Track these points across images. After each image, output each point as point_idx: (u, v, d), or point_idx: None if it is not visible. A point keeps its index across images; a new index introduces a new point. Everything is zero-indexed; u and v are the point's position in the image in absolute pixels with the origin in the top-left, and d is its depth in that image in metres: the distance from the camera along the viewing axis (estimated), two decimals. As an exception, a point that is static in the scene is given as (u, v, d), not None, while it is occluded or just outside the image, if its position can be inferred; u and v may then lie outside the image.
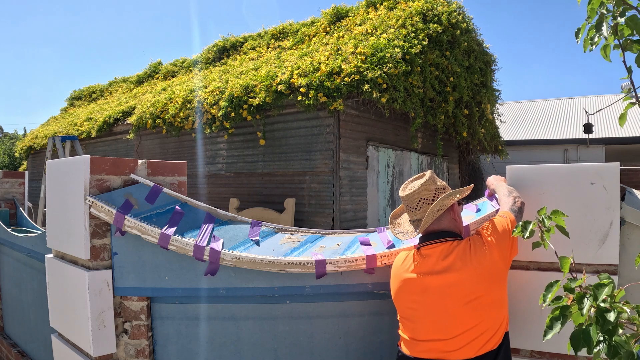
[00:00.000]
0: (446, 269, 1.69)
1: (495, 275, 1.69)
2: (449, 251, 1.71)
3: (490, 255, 1.68)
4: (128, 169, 2.26)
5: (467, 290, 1.65)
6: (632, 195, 2.15)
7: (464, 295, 1.65)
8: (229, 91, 6.84)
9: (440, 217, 1.78)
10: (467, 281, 1.66)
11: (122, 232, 2.12)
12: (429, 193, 1.80)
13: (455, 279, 1.67)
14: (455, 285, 1.66)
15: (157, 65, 12.73)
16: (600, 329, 0.96)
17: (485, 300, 1.66)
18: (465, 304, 1.65)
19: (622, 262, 1.97)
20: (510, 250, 1.75)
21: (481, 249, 1.70)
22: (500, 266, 1.70)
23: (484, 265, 1.67)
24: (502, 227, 1.75)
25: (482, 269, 1.66)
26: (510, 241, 1.74)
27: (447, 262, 1.69)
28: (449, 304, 1.67)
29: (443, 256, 1.71)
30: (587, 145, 12.97)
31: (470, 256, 1.68)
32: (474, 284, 1.65)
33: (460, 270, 1.67)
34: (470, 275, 1.66)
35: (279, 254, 2.08)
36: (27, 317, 3.51)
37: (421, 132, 7.94)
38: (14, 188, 4.50)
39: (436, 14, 7.38)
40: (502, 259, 1.71)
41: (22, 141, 13.55)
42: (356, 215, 6.44)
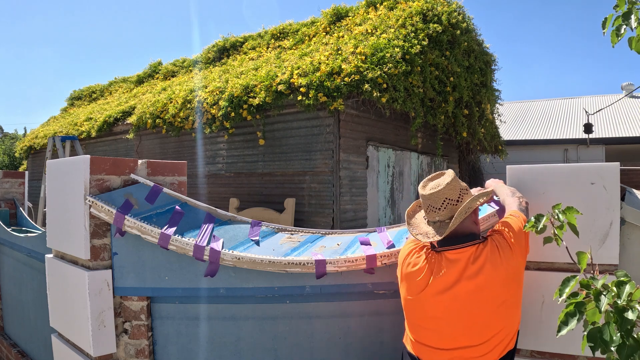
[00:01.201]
0: (477, 272, 1.63)
1: (519, 275, 1.68)
2: (478, 254, 1.66)
3: (515, 256, 1.65)
4: (128, 169, 2.26)
5: (497, 292, 1.62)
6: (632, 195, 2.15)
7: (494, 298, 1.62)
8: (229, 91, 6.84)
9: (465, 219, 1.72)
10: (497, 284, 1.62)
11: (122, 232, 2.12)
12: (454, 193, 1.72)
13: (487, 282, 1.62)
14: (486, 288, 1.62)
15: (157, 65, 12.73)
16: (619, 328, 0.94)
17: (511, 301, 1.64)
18: (497, 307, 1.62)
19: (622, 262, 1.97)
20: (526, 248, 1.73)
21: (507, 250, 1.66)
22: (522, 266, 1.69)
23: (512, 266, 1.64)
24: (517, 227, 1.71)
25: (511, 270, 1.64)
26: (525, 240, 1.72)
27: (477, 265, 1.64)
28: (481, 309, 1.62)
29: (473, 259, 1.65)
30: (587, 145, 12.97)
31: (500, 259, 1.64)
32: (503, 287, 1.62)
33: (490, 273, 1.62)
34: (501, 278, 1.62)
35: (279, 254, 2.08)
36: (27, 317, 3.51)
37: (421, 132, 7.94)
38: (14, 188, 4.50)
39: (436, 14, 7.37)
40: (523, 258, 1.69)
41: (22, 141, 13.56)
42: (356, 215, 6.44)
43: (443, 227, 1.70)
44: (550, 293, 1.94)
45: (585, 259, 1.10)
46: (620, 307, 0.95)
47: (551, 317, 1.96)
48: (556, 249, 1.87)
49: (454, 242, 1.70)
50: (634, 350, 0.92)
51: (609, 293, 0.98)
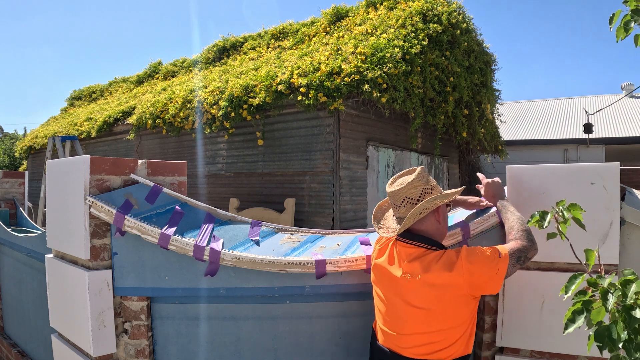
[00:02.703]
0: (407, 271, 1.66)
1: (453, 298, 1.62)
2: (417, 257, 1.68)
3: (453, 280, 1.59)
4: (128, 169, 2.26)
5: (420, 297, 1.63)
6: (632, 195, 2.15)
7: (415, 300, 1.64)
8: (229, 91, 6.84)
9: (424, 218, 1.74)
10: (421, 290, 1.63)
11: (122, 232, 2.12)
12: (415, 193, 1.74)
13: (411, 284, 1.64)
14: (411, 290, 1.65)
15: (157, 65, 12.73)
16: (627, 326, 0.94)
17: (438, 314, 1.62)
18: (417, 309, 1.64)
19: (622, 262, 1.97)
20: (486, 286, 1.63)
21: (446, 270, 1.60)
22: (461, 293, 1.61)
23: (440, 284, 1.60)
24: (491, 263, 1.60)
25: (437, 287, 1.60)
26: (489, 279, 1.61)
27: (410, 266, 1.66)
28: (403, 303, 1.67)
29: (410, 259, 1.68)
30: (587, 145, 12.97)
31: (432, 271, 1.62)
32: (426, 295, 1.62)
33: (415, 278, 1.63)
34: (425, 288, 1.62)
35: (279, 254, 2.08)
36: (27, 317, 3.51)
37: (421, 132, 7.94)
38: (14, 188, 4.50)
39: (436, 14, 7.37)
40: (468, 288, 1.60)
41: (22, 141, 13.56)
42: (356, 215, 6.44)
43: (400, 224, 1.75)
44: (550, 293, 1.94)
45: (593, 256, 1.10)
46: (628, 306, 0.95)
47: (551, 317, 1.96)
48: (556, 249, 1.87)
49: (409, 237, 1.74)
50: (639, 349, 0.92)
51: (616, 291, 0.98)
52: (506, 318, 2.06)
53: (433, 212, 1.75)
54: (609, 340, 0.95)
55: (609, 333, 0.96)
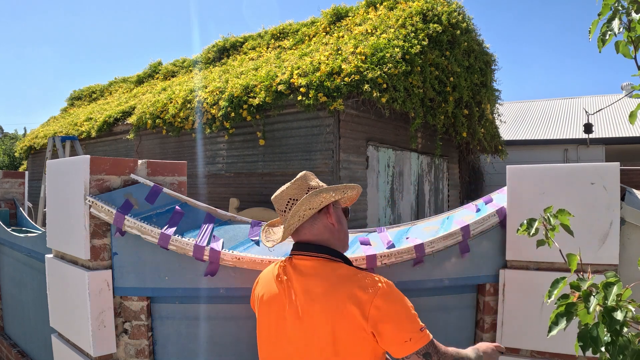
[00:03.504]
0: (303, 288, 1.38)
1: (353, 332, 1.31)
2: (316, 269, 1.40)
3: (356, 316, 1.29)
4: (128, 169, 2.26)
5: (318, 323, 1.34)
6: (632, 195, 2.15)
7: (312, 326, 1.34)
8: (229, 91, 6.84)
9: (313, 222, 1.46)
10: (319, 313, 1.33)
11: (122, 232, 2.12)
12: (300, 192, 1.48)
13: (308, 304, 1.35)
14: (307, 312, 1.35)
15: (157, 65, 12.74)
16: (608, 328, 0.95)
17: (339, 348, 1.33)
18: (316, 338, 1.34)
19: (622, 262, 1.97)
20: (388, 347, 1.33)
21: (351, 301, 1.30)
22: (364, 333, 1.31)
23: (342, 310, 1.30)
24: (409, 329, 1.30)
25: (339, 312, 1.31)
26: (393, 343, 1.30)
27: (307, 281, 1.38)
28: (298, 331, 1.37)
29: (308, 272, 1.40)
30: (587, 145, 12.97)
31: (337, 290, 1.33)
32: (324, 320, 1.32)
33: (312, 296, 1.34)
34: (324, 310, 1.32)
35: (279, 254, 2.08)
36: (27, 317, 3.51)
37: (421, 132, 7.94)
38: (14, 188, 4.50)
39: (436, 14, 7.38)
40: (366, 342, 1.32)
41: (22, 141, 13.56)
42: (356, 215, 6.44)
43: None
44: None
45: (575, 260, 1.11)
46: (610, 307, 0.96)
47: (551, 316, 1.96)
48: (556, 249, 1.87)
49: (303, 248, 1.46)
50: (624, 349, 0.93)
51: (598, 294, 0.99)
52: (506, 318, 2.06)
53: (323, 214, 1.48)
54: (592, 342, 0.96)
55: (591, 334, 0.96)
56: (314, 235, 1.47)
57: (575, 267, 1.10)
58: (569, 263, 1.11)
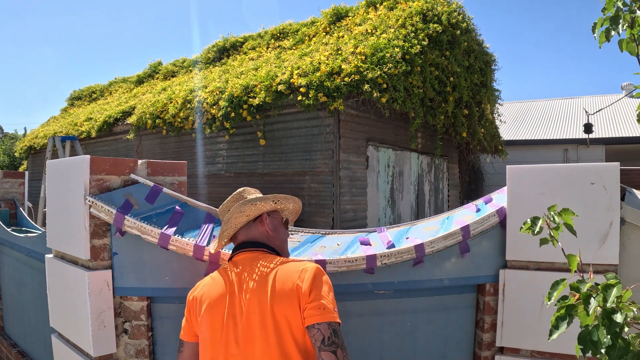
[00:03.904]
0: (245, 281, 1.47)
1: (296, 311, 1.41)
2: (257, 258, 1.52)
3: (294, 305, 1.40)
4: (128, 169, 2.26)
5: (260, 309, 1.42)
6: (632, 195, 2.15)
7: (261, 313, 1.42)
8: (229, 91, 6.84)
9: (249, 228, 1.61)
10: (262, 301, 1.42)
11: (122, 232, 2.12)
12: (237, 202, 1.69)
13: (255, 292, 1.44)
14: (255, 301, 1.43)
15: (157, 65, 12.74)
16: (607, 330, 0.95)
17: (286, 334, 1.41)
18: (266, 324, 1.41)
19: (622, 262, 1.97)
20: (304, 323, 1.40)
21: (287, 282, 1.42)
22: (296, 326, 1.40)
23: (288, 290, 1.41)
24: (326, 295, 1.42)
25: (284, 295, 1.41)
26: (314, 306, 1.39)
27: (249, 271, 1.49)
28: (247, 320, 1.44)
29: (251, 262, 1.52)
30: (587, 145, 12.97)
31: (268, 280, 1.44)
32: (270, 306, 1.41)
33: (256, 288, 1.44)
34: (266, 296, 1.42)
35: (279, 254, 2.08)
36: (27, 317, 3.51)
37: (421, 132, 7.94)
38: (14, 188, 4.50)
39: (436, 14, 7.38)
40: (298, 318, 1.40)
41: (22, 141, 13.57)
42: (356, 215, 6.44)
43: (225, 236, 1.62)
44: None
45: (575, 261, 1.11)
46: (609, 310, 0.96)
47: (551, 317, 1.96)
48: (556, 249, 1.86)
49: (240, 247, 1.60)
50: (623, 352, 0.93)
51: (598, 296, 0.99)
52: (506, 318, 2.06)
53: (258, 222, 1.62)
54: (591, 344, 0.96)
55: (590, 337, 0.96)
56: (251, 235, 1.61)
57: (575, 268, 1.10)
58: (569, 264, 1.11)
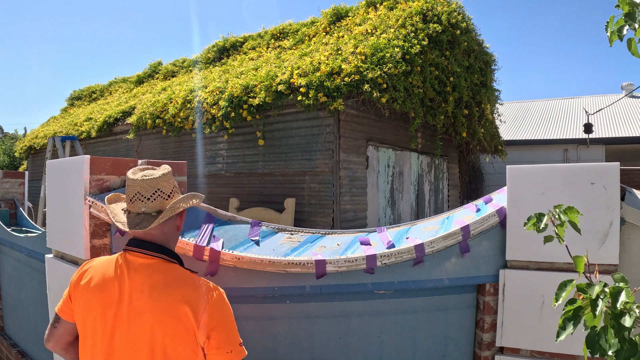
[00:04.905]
0: (138, 287, 1.40)
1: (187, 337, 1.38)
2: (154, 268, 1.43)
3: (189, 320, 1.36)
4: (128, 169, 2.26)
5: (149, 324, 1.37)
6: (632, 195, 2.15)
7: (143, 326, 1.37)
8: (229, 91, 6.84)
9: (167, 221, 1.50)
10: (151, 314, 1.37)
11: (122, 232, 2.12)
12: (168, 187, 1.51)
13: (141, 304, 1.38)
14: (138, 312, 1.38)
15: (157, 65, 12.73)
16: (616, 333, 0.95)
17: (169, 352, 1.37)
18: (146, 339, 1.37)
19: (622, 262, 1.97)
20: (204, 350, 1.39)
21: (185, 303, 1.37)
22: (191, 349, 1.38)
23: (175, 313, 1.36)
24: (231, 339, 1.40)
25: (172, 316, 1.36)
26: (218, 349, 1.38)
27: (144, 280, 1.41)
28: (126, 332, 1.39)
29: (145, 271, 1.42)
30: (587, 145, 12.97)
31: (171, 292, 1.38)
32: (157, 322, 1.37)
33: (146, 296, 1.38)
34: (157, 311, 1.37)
35: (279, 254, 2.08)
36: (27, 317, 3.51)
37: (421, 132, 7.94)
38: (14, 188, 4.50)
39: (436, 14, 7.38)
40: (196, 345, 1.38)
41: (22, 141, 13.55)
42: (356, 215, 6.44)
43: (147, 221, 1.45)
44: (550, 293, 1.94)
45: (583, 262, 1.10)
46: (617, 312, 0.96)
47: (551, 317, 1.96)
48: (556, 249, 1.87)
49: (142, 245, 1.47)
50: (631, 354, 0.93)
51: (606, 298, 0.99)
52: (506, 318, 2.06)
53: (178, 215, 1.54)
54: (600, 347, 0.96)
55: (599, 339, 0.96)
56: (163, 233, 1.50)
57: (582, 270, 1.10)
58: (575, 265, 1.11)
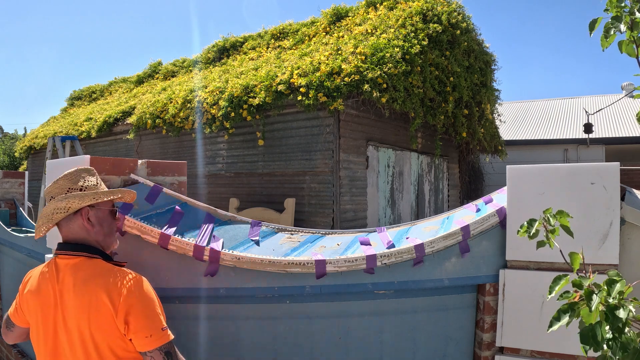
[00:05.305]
0: (63, 288, 1.46)
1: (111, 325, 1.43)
2: (75, 266, 1.48)
3: (108, 309, 1.42)
4: (128, 169, 2.26)
5: (77, 324, 1.43)
6: (632, 195, 2.15)
7: (74, 321, 1.44)
8: (229, 91, 6.84)
9: (69, 222, 1.52)
10: (81, 316, 1.43)
11: (122, 232, 2.12)
12: (60, 192, 1.53)
13: (68, 301, 1.44)
14: (69, 308, 1.44)
15: (157, 65, 12.73)
16: (610, 326, 0.95)
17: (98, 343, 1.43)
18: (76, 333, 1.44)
19: (622, 262, 1.97)
20: (132, 343, 1.46)
21: (105, 292, 1.42)
22: (114, 342, 1.44)
23: (96, 303, 1.42)
24: (151, 325, 1.47)
25: (93, 306, 1.41)
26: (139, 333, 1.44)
27: (67, 279, 1.46)
28: (62, 330, 1.46)
29: (68, 270, 1.48)
30: (587, 145, 12.97)
31: (82, 290, 1.43)
32: (83, 314, 1.42)
33: (71, 292, 1.44)
34: (84, 305, 1.42)
35: (279, 254, 2.08)
36: (27, 317, 3.50)
37: (421, 132, 7.94)
38: (14, 188, 4.50)
39: (436, 14, 7.38)
40: (121, 339, 1.45)
41: (22, 141, 13.55)
42: (356, 215, 6.44)
43: (43, 226, 1.53)
44: (550, 293, 1.94)
45: (578, 259, 1.11)
46: (612, 306, 0.96)
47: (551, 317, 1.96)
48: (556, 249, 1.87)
49: (62, 247, 1.52)
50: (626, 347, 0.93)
51: (601, 292, 0.99)
52: (506, 318, 2.06)
53: (79, 215, 1.54)
54: (593, 341, 0.96)
55: (593, 333, 0.97)
56: (72, 234, 1.54)
57: (577, 266, 1.10)
58: (571, 262, 1.11)
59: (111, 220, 1.63)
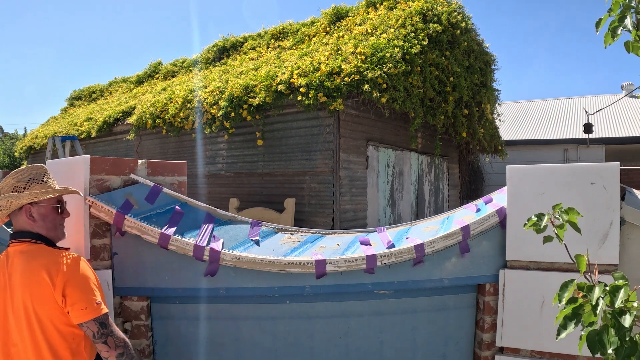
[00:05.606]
0: (12, 272, 1.61)
1: (50, 313, 1.58)
2: (21, 251, 1.64)
3: (48, 286, 1.57)
4: (128, 169, 2.26)
5: (22, 300, 1.58)
6: (632, 195, 2.15)
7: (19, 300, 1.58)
8: (229, 91, 6.84)
9: (16, 216, 1.70)
10: (24, 292, 1.58)
11: (122, 232, 2.12)
12: (7, 190, 1.70)
13: (18, 285, 1.59)
14: (16, 288, 1.59)
15: (157, 65, 12.73)
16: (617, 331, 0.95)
17: (46, 324, 1.58)
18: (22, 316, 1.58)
19: (622, 262, 1.97)
20: (69, 314, 1.60)
21: (41, 272, 1.57)
22: (56, 316, 1.59)
23: (37, 281, 1.57)
24: (85, 297, 1.60)
25: (35, 284, 1.57)
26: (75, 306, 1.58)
27: (15, 262, 1.62)
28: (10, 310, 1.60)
29: (16, 255, 1.64)
30: (587, 145, 12.97)
31: (25, 270, 1.58)
32: (24, 298, 1.58)
33: (17, 279, 1.59)
34: (26, 284, 1.57)
35: (279, 254, 2.08)
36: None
37: (421, 132, 7.94)
38: (14, 188, 4.49)
39: (436, 14, 7.37)
40: (61, 312, 1.58)
41: (22, 141, 13.55)
42: (356, 215, 6.44)
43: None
44: (550, 293, 1.94)
45: (584, 262, 1.11)
46: (617, 310, 0.96)
47: (551, 317, 1.96)
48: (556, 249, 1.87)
49: (13, 236, 1.70)
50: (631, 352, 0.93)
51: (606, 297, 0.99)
52: (506, 318, 2.06)
53: (23, 211, 1.69)
54: (600, 345, 0.96)
55: (599, 338, 0.97)
56: (20, 226, 1.71)
57: (584, 269, 1.10)
58: (577, 264, 1.11)
59: (55, 215, 1.75)
